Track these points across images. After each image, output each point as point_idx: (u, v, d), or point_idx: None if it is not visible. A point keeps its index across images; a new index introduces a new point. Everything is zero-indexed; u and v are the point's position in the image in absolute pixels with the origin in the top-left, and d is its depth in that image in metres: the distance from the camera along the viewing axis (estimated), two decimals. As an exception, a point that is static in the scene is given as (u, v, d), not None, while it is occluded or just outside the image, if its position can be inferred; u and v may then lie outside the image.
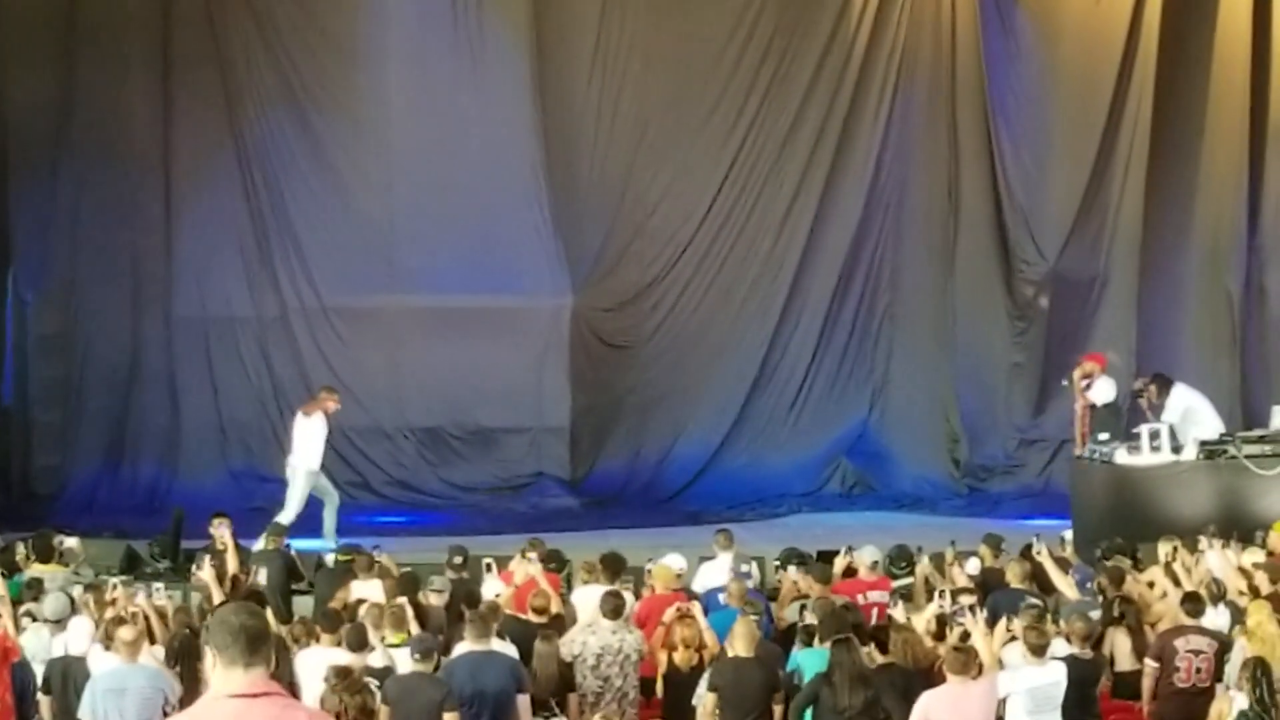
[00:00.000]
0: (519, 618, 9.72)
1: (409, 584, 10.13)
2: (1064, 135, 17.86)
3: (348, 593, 10.41)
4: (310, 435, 14.25)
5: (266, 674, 3.94)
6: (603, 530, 15.30)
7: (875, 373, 18.20)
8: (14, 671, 8.55)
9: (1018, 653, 8.45)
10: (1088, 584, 10.50)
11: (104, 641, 8.46)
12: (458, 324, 17.21)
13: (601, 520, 16.22)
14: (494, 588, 10.55)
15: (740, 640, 8.62)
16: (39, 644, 9.05)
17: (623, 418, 17.82)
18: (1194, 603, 9.43)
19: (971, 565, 11.11)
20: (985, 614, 9.06)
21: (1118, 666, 9.49)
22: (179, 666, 8.49)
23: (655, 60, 17.55)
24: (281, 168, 17.17)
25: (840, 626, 8.72)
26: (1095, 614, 9.51)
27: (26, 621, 9.45)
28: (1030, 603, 9.48)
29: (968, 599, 9.49)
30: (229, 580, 11.06)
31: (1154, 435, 13.80)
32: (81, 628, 8.87)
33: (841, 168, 17.77)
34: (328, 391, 14.76)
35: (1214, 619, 9.50)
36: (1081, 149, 17.76)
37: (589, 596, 9.88)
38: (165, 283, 17.16)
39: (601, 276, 17.63)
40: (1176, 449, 13.82)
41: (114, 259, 16.99)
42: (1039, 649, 8.30)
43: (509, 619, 9.57)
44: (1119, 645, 9.50)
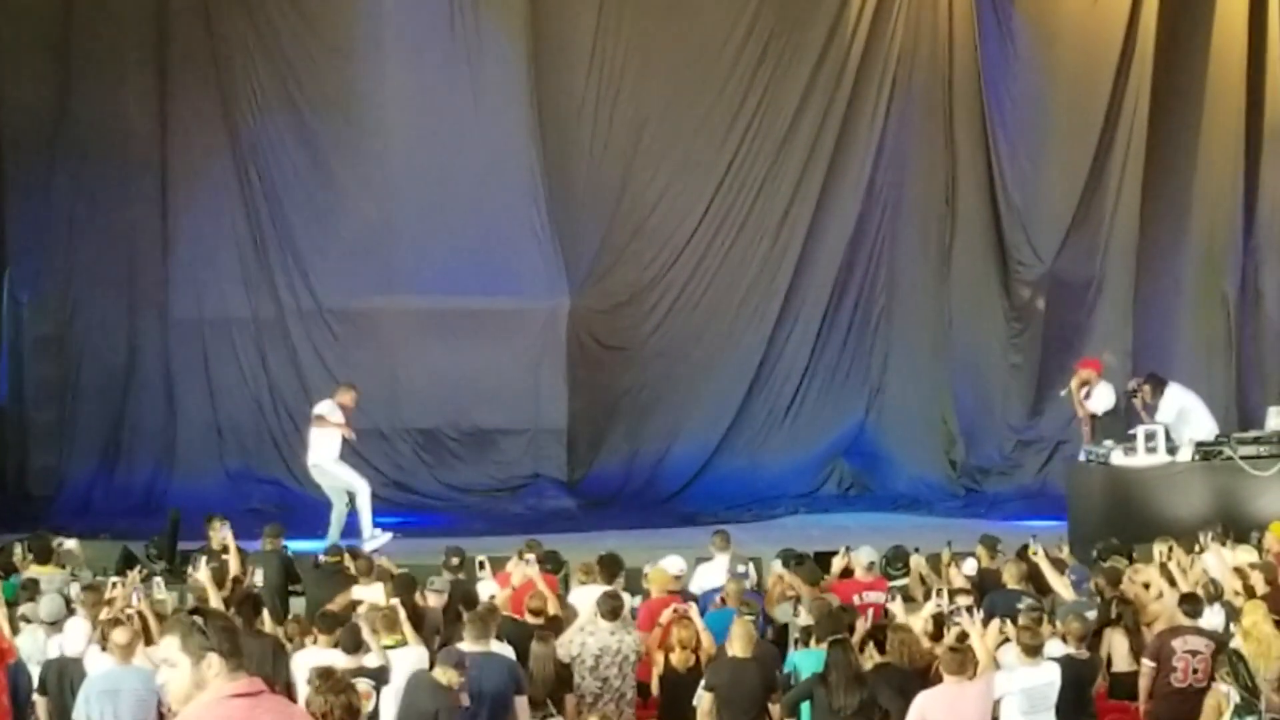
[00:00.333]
0: (515, 619, 9.71)
1: (406, 585, 10.14)
2: (1061, 137, 17.87)
3: (349, 595, 10.41)
4: (325, 431, 14.27)
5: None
6: (600, 531, 15.30)
7: (872, 374, 18.20)
8: (10, 673, 8.53)
9: (1013, 653, 8.46)
10: (1084, 584, 10.51)
11: (100, 642, 8.46)
12: (454, 325, 17.21)
13: (599, 521, 16.20)
14: (488, 588, 10.56)
15: (738, 641, 8.65)
16: (34, 645, 9.04)
17: (620, 419, 17.82)
18: (1192, 603, 9.46)
19: (968, 566, 11.09)
20: (982, 614, 9.05)
21: (1114, 667, 9.52)
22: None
23: (653, 62, 17.55)
24: (278, 170, 17.16)
25: (836, 627, 8.75)
26: (1091, 614, 9.49)
27: (22, 624, 9.44)
28: (1027, 603, 9.50)
29: (964, 599, 9.51)
30: (230, 582, 11.06)
31: (1150, 436, 13.83)
32: (77, 629, 8.85)
33: (838, 169, 17.78)
34: (346, 387, 14.72)
35: (1209, 619, 9.52)
36: (1078, 150, 17.77)
37: (588, 597, 9.89)
38: (161, 284, 17.15)
39: (598, 278, 17.63)
40: (1172, 450, 13.85)
41: (110, 260, 16.98)
42: (1033, 649, 8.33)
43: (505, 620, 9.55)
44: (1116, 645, 9.52)
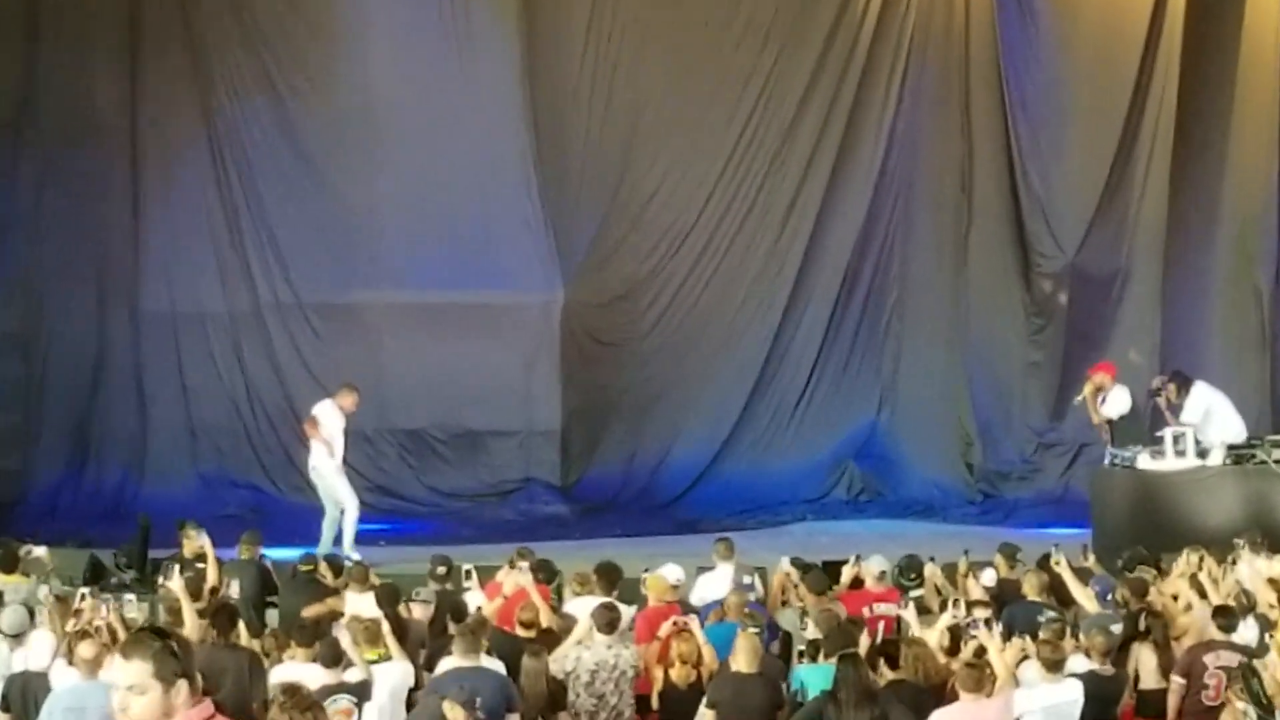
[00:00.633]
0: (506, 632, 9.67)
1: (389, 596, 10.10)
2: (1084, 120, 17.81)
3: (328, 605, 10.34)
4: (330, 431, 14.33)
5: None
6: (596, 539, 15.39)
7: (883, 372, 18.21)
8: (-30, 688, 8.51)
9: (1034, 669, 8.41)
10: (1109, 596, 10.47)
11: (66, 656, 8.42)
12: (442, 321, 17.19)
13: (594, 528, 16.25)
14: (475, 600, 10.52)
15: (742, 655, 8.60)
16: (-2, 658, 9.01)
17: (617, 420, 17.82)
18: (1226, 616, 9.38)
19: (986, 576, 11.08)
20: (1000, 628, 9.01)
21: (1142, 684, 9.42)
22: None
23: (651, 42, 17.52)
24: (257, 156, 17.15)
25: (846, 641, 8.69)
26: (1117, 628, 9.44)
27: (-16, 636, 9.40)
28: (1049, 616, 9.46)
29: (982, 612, 9.47)
30: (207, 592, 11.00)
31: (1178, 439, 13.76)
32: (43, 642, 8.81)
33: (848, 156, 17.76)
34: (348, 389, 14.70)
35: (1242, 633, 9.46)
36: (1103, 135, 17.73)
37: (585, 609, 9.85)
38: (132, 277, 17.15)
39: (594, 270, 17.60)
40: (1202, 453, 13.79)
41: (78, 252, 16.95)
42: (1055, 665, 8.27)
43: (496, 633, 9.51)
44: (1143, 661, 9.43)
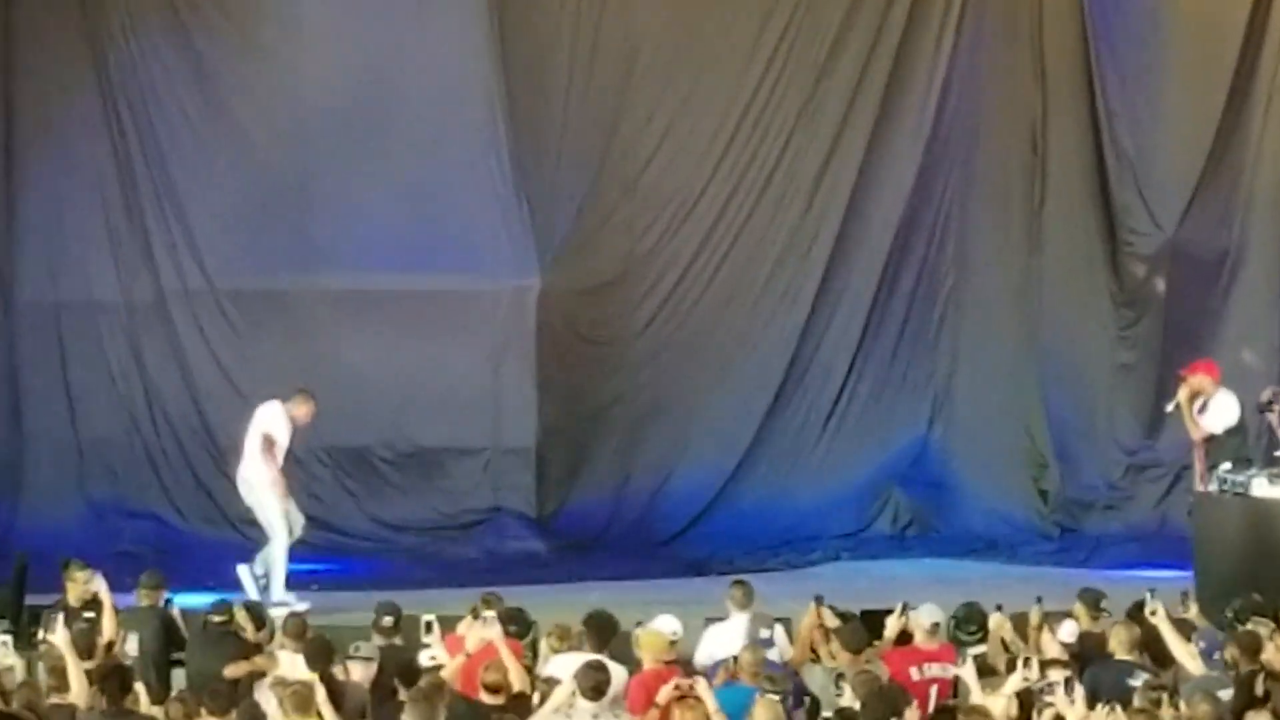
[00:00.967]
0: (467, 698, 9.68)
1: (320, 652, 10.11)
2: (1186, 68, 17.82)
3: (272, 663, 10.42)
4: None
5: None
6: (579, 583, 15.47)
7: (936, 377, 18.22)
8: None
9: (1125, 743, 8.46)
10: (1216, 654, 10.50)
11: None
12: (389, 312, 17.24)
13: (578, 570, 16.30)
14: (435, 657, 10.53)
15: (761, 727, 8.63)
16: None
17: (606, 436, 17.84)
18: (1360, 680, 9.43)
19: (1065, 630, 11.11)
20: (1082, 692, 9.04)
21: (1257, 763, 9.48)
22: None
23: (649, -31, 17.61)
24: (158, 111, 17.19)
25: (889, 710, 8.71)
26: (1227, 693, 9.49)
27: None
28: (1143, 679, 9.49)
29: (1059, 673, 9.55)
30: (103, 648, 11.02)
31: (1303, 461, 13.79)
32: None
33: (892, 110, 17.76)
34: (303, 396, 14.77)
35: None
36: (1209, 86, 17.72)
37: (567, 668, 9.85)
38: (5, 259, 17.17)
39: (579, 251, 17.63)
40: (1333, 478, 13.81)
41: (-65, 228, 17.03)
42: (1152, 738, 8.30)
43: (456, 699, 9.55)
44: (1258, 734, 9.49)
